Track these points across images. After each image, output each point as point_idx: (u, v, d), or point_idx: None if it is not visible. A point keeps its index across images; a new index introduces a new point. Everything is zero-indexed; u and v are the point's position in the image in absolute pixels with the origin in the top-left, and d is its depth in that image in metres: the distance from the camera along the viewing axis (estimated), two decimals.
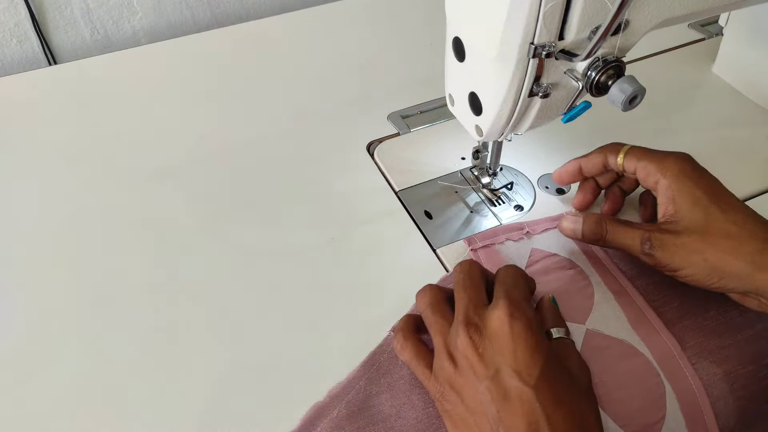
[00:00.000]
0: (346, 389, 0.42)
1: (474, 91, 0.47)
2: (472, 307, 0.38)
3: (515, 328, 0.36)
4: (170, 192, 0.58)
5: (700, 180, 0.44)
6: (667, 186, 0.44)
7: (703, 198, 0.43)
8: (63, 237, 0.54)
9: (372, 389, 0.41)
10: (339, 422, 0.40)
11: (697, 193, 0.43)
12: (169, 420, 0.43)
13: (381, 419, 0.40)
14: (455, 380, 0.37)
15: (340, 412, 0.40)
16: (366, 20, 0.79)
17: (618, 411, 0.40)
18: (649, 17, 0.42)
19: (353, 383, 0.42)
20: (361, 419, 0.40)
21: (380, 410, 0.40)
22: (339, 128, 0.64)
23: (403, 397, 0.41)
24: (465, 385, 0.37)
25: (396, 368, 0.42)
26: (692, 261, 0.42)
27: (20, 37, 0.76)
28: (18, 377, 0.45)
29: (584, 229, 0.47)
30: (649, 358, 0.42)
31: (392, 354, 0.43)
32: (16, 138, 0.63)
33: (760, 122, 0.64)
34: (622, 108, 0.41)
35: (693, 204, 0.43)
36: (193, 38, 0.76)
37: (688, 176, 0.44)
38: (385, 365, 0.42)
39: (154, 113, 0.66)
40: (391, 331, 0.44)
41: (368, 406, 0.40)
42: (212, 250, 0.53)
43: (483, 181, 0.56)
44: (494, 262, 0.48)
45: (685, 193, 0.43)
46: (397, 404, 0.40)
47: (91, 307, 0.49)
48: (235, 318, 0.48)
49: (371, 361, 0.43)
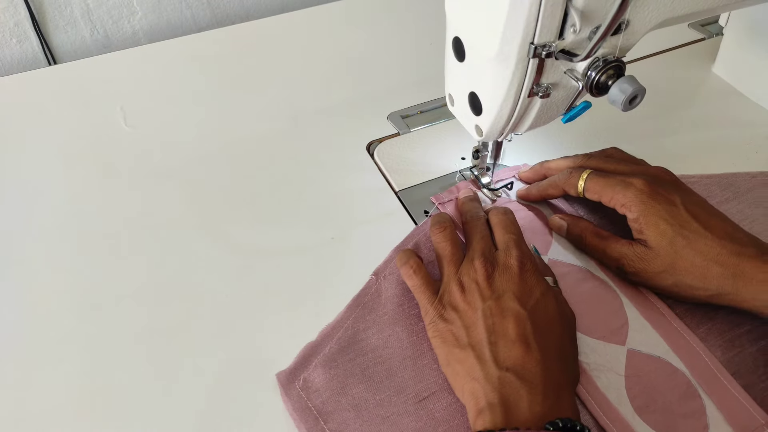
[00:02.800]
0: (335, 328, 0.46)
1: (474, 91, 0.47)
2: (487, 248, 0.45)
3: (524, 266, 0.44)
4: (170, 192, 0.58)
5: (662, 210, 0.45)
6: (633, 219, 0.46)
7: (667, 230, 0.45)
8: (63, 237, 0.54)
9: (359, 326, 0.46)
10: (331, 356, 0.44)
11: (662, 225, 0.45)
12: (169, 420, 0.43)
13: (370, 350, 0.45)
14: (459, 302, 0.43)
15: (332, 348, 0.45)
16: (366, 20, 0.79)
17: (584, 323, 0.46)
18: (649, 17, 0.42)
19: (342, 323, 0.46)
20: (351, 352, 0.44)
21: (368, 343, 0.45)
22: (339, 128, 0.64)
23: (388, 330, 0.46)
24: (468, 306, 0.42)
25: (380, 306, 0.47)
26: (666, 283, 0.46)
27: (20, 36, 0.76)
28: (18, 377, 0.45)
29: (567, 233, 0.52)
30: (603, 278, 0.49)
31: (375, 295, 0.48)
32: (16, 138, 0.63)
33: (760, 122, 0.64)
34: (622, 108, 0.41)
35: (659, 236, 0.45)
36: (193, 38, 0.76)
37: (650, 210, 0.45)
38: (369, 305, 0.47)
39: (154, 113, 0.66)
40: (373, 275, 0.49)
41: (357, 341, 0.45)
42: (212, 250, 0.53)
43: (483, 181, 0.56)
44: None
45: (651, 225, 0.45)
46: (383, 336, 0.45)
47: (91, 307, 0.49)
48: (235, 318, 0.48)
49: (356, 303, 0.48)
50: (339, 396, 0.42)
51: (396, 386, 0.43)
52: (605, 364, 0.44)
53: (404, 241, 0.52)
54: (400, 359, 0.44)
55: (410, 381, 0.43)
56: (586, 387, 0.43)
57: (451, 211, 0.54)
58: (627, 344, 0.45)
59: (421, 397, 0.42)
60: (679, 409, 0.42)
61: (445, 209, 0.54)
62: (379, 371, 0.44)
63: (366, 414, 0.42)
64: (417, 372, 0.44)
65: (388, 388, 0.43)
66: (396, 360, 0.44)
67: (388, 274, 0.49)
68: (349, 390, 0.43)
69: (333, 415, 0.41)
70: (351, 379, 0.43)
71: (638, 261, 0.46)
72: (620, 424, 0.41)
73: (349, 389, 0.43)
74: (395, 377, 0.43)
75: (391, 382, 0.43)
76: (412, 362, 0.44)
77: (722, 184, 0.57)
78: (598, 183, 0.48)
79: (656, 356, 0.45)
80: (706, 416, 0.42)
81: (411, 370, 0.44)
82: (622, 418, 0.42)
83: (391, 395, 0.42)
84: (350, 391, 0.43)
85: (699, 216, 0.45)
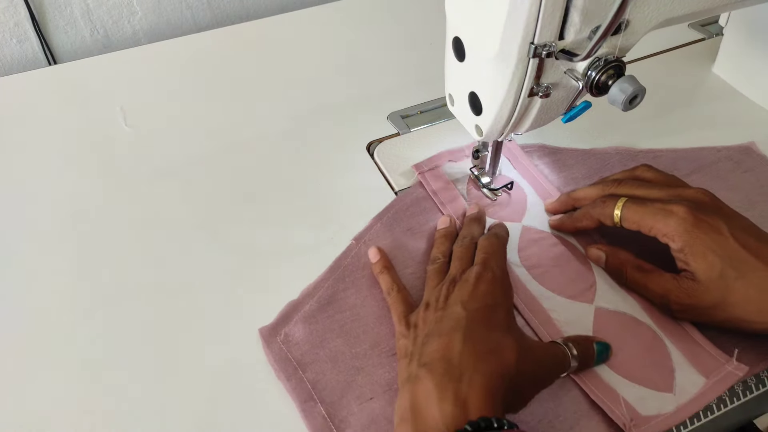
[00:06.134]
0: (316, 288, 0.49)
1: (474, 91, 0.47)
2: (459, 272, 0.45)
3: (481, 277, 0.43)
4: (170, 191, 0.58)
5: (709, 240, 0.42)
6: (678, 250, 0.43)
7: (716, 262, 0.41)
8: (63, 237, 0.54)
9: (339, 286, 0.49)
10: (311, 313, 0.47)
11: (710, 257, 0.42)
12: (169, 419, 0.43)
13: (348, 308, 0.48)
14: (419, 319, 0.43)
15: (312, 306, 0.48)
16: (366, 20, 0.79)
17: (553, 284, 0.49)
18: (649, 17, 0.42)
19: (322, 283, 0.49)
20: (330, 309, 0.47)
21: (347, 302, 0.48)
22: (339, 128, 0.64)
23: (366, 291, 0.49)
24: (423, 322, 0.43)
25: (358, 270, 0.50)
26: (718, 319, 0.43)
27: (20, 37, 0.76)
28: (18, 377, 0.45)
29: (607, 264, 0.49)
30: (573, 242, 0.52)
31: (354, 259, 0.51)
32: (16, 138, 0.63)
33: (760, 122, 0.64)
34: (622, 108, 0.41)
35: (708, 269, 0.42)
36: (193, 38, 0.76)
37: (696, 241, 0.42)
38: (349, 267, 0.50)
39: (154, 113, 0.66)
40: (354, 241, 0.52)
41: (336, 299, 0.48)
42: (212, 249, 0.53)
43: (483, 181, 0.56)
44: (441, 181, 0.56)
45: (698, 257, 0.42)
46: (361, 296, 0.48)
47: (91, 307, 0.49)
48: (235, 317, 0.48)
49: (337, 265, 0.50)
50: (317, 349, 0.45)
51: (371, 341, 0.46)
52: (575, 321, 0.47)
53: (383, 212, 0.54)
54: (376, 317, 0.47)
55: (385, 337, 0.46)
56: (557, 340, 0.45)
57: (431, 178, 0.56)
58: (594, 303, 0.48)
59: (394, 351, 0.45)
60: (646, 358, 0.45)
61: (425, 178, 0.56)
62: (356, 327, 0.46)
63: (342, 365, 0.44)
64: (392, 329, 0.46)
65: (364, 342, 0.46)
66: (372, 318, 0.47)
67: (368, 240, 0.52)
68: (327, 343, 0.45)
69: (311, 366, 0.44)
70: (329, 333, 0.46)
71: (686, 297, 0.43)
72: (589, 373, 0.44)
73: (327, 343, 0.45)
74: (371, 333, 0.46)
75: (366, 337, 0.46)
76: (388, 320, 0.47)
77: (688, 158, 0.59)
78: (637, 212, 0.45)
79: (622, 312, 0.47)
80: (671, 361, 0.44)
81: (386, 327, 0.46)
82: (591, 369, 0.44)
83: (366, 349, 0.45)
84: (328, 344, 0.45)
85: (748, 244, 0.42)
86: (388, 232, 0.52)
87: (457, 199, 0.55)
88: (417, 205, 0.55)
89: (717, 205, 0.45)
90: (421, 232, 0.53)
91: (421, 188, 0.56)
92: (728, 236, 0.42)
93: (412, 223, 0.53)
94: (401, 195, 0.56)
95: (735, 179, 0.57)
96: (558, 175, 0.58)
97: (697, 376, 0.44)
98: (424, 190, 0.56)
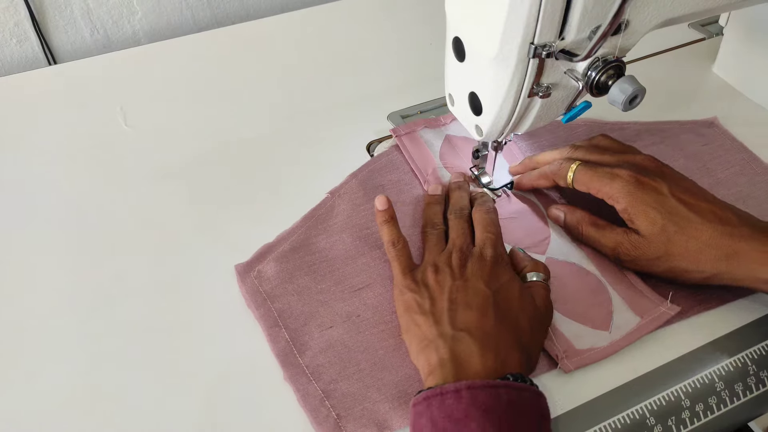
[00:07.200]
0: (290, 233, 0.52)
1: (474, 91, 0.47)
2: (465, 244, 0.48)
3: (498, 261, 0.46)
4: (170, 192, 0.58)
5: (649, 199, 0.46)
6: (622, 210, 0.47)
7: (657, 218, 0.46)
8: (63, 237, 0.54)
9: (311, 232, 0.52)
10: (284, 254, 0.51)
11: (651, 214, 0.46)
12: (170, 419, 0.43)
13: (318, 251, 0.51)
14: (430, 280, 0.45)
15: (285, 248, 0.51)
16: (366, 20, 0.79)
17: (510, 236, 0.52)
18: (649, 17, 0.42)
19: (296, 230, 0.53)
20: (301, 251, 0.51)
21: (318, 246, 0.52)
22: (339, 128, 0.64)
23: (336, 236, 0.52)
24: (437, 284, 0.45)
25: (331, 218, 0.53)
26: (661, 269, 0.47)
27: (20, 37, 0.76)
28: (18, 377, 0.45)
29: (565, 222, 0.53)
30: (534, 201, 0.55)
31: (329, 209, 0.54)
32: (16, 138, 0.63)
33: (760, 122, 0.64)
34: (622, 108, 0.41)
35: (650, 224, 0.46)
36: (193, 38, 0.76)
37: (637, 200, 0.46)
38: (323, 217, 0.54)
39: (154, 113, 0.66)
40: (329, 194, 0.55)
41: (308, 244, 0.52)
42: (212, 249, 0.53)
43: (483, 181, 0.56)
44: (416, 145, 0.59)
45: (640, 214, 0.46)
46: (331, 241, 0.52)
47: (92, 307, 0.49)
48: (235, 317, 0.48)
49: (311, 215, 0.54)
50: (286, 284, 0.49)
51: (336, 279, 0.49)
52: None
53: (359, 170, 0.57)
54: (342, 259, 0.51)
55: (349, 275, 0.50)
56: None
57: (408, 143, 0.59)
58: (546, 254, 0.51)
59: (356, 288, 0.49)
60: (588, 300, 0.48)
61: (402, 142, 0.59)
62: (323, 267, 0.50)
63: (307, 298, 0.48)
64: (356, 269, 0.50)
65: (329, 279, 0.49)
66: (339, 259, 0.51)
67: (343, 194, 0.55)
68: (296, 280, 0.49)
69: (279, 298, 0.48)
70: (298, 271, 0.50)
71: (633, 249, 0.47)
72: None
73: (295, 279, 0.49)
74: (336, 272, 0.50)
75: (332, 276, 0.50)
76: (353, 261, 0.50)
77: (652, 130, 0.61)
78: (586, 175, 0.49)
79: (571, 262, 0.51)
80: (611, 304, 0.48)
81: (351, 267, 0.50)
82: None
83: (330, 285, 0.49)
84: (296, 280, 0.49)
85: (687, 201, 0.46)
86: (361, 188, 0.55)
87: (430, 160, 0.58)
88: (391, 165, 0.58)
89: (661, 169, 0.49)
90: (394, 190, 0.56)
91: (396, 151, 0.59)
92: (668, 195, 0.46)
93: (384, 181, 0.56)
94: (378, 155, 0.59)
95: (694, 149, 0.60)
96: (526, 142, 0.60)
97: (633, 315, 0.47)
98: (399, 153, 0.59)
